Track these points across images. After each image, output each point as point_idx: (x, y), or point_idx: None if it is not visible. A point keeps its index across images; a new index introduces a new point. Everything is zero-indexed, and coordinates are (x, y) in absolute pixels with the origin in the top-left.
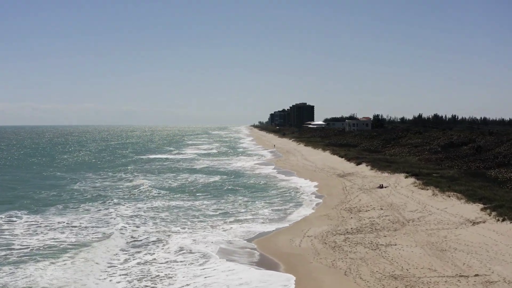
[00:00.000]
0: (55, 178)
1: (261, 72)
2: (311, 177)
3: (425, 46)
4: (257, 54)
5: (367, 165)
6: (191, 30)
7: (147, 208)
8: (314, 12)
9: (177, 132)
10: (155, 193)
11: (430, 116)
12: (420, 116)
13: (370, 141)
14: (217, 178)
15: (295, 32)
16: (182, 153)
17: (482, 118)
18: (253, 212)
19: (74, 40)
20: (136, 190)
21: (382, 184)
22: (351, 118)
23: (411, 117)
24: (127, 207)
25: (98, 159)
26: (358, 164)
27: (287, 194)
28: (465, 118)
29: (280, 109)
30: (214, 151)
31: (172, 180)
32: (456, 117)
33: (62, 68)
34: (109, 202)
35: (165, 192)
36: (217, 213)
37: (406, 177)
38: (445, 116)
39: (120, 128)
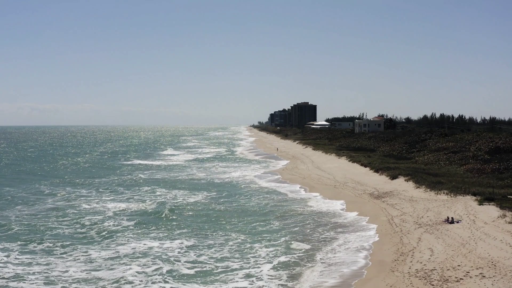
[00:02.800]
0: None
1: (260, 71)
2: (332, 196)
3: (427, 46)
4: (257, 53)
5: (406, 180)
6: (191, 30)
7: (100, 259)
8: (314, 10)
9: (175, 132)
10: (117, 226)
11: (437, 116)
12: (433, 116)
13: (390, 145)
14: (207, 195)
15: (295, 32)
16: (174, 159)
17: (491, 118)
18: (249, 270)
19: (74, 40)
20: (91, 220)
21: (451, 218)
22: (360, 118)
23: (415, 117)
24: (68, 259)
25: (79, 166)
26: (393, 178)
27: (302, 228)
28: (473, 118)
29: (280, 109)
30: (210, 155)
31: (150, 199)
32: (463, 117)
33: (62, 68)
34: (44, 246)
35: (133, 223)
36: (193, 271)
37: (480, 203)
38: (452, 116)
39: (120, 128)
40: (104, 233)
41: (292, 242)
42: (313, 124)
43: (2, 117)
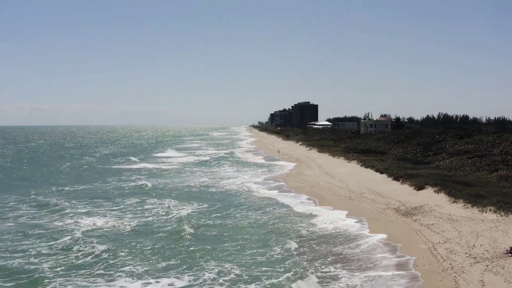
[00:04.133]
0: None
1: (260, 71)
2: (349, 211)
3: (427, 45)
4: (257, 53)
5: (436, 191)
6: (190, 29)
7: None
8: (315, 10)
9: (175, 133)
10: (85, 256)
11: (441, 116)
12: (440, 115)
13: (402, 147)
14: (201, 208)
15: (295, 31)
16: (171, 161)
17: (500, 117)
18: None
19: (73, 40)
20: (53, 246)
21: None
22: (365, 118)
23: (416, 117)
24: None
25: (71, 169)
26: (419, 188)
27: (312, 258)
28: (477, 118)
29: (280, 109)
30: (208, 158)
31: (135, 214)
32: (466, 117)
33: (62, 68)
34: None
35: (112, 245)
36: None
37: None
38: (457, 116)
39: (120, 128)
40: (59, 268)
41: (300, 280)
42: (314, 124)
43: (2, 117)
